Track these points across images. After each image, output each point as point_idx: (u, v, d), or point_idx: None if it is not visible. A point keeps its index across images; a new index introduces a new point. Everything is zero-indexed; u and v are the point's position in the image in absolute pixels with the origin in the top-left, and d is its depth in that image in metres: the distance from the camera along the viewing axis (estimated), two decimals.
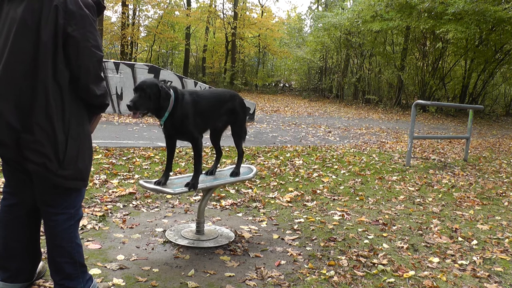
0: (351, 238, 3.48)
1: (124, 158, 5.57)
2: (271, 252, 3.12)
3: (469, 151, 8.33)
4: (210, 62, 29.38)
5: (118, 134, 7.62)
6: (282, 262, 2.95)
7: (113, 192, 4.13)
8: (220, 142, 3.49)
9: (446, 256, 3.27)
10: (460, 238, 3.69)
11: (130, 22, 26.00)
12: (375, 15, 19.30)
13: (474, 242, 3.61)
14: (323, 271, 2.83)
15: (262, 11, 31.70)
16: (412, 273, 2.90)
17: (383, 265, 3.00)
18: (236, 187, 4.73)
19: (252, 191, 4.64)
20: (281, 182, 5.15)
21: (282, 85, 33.42)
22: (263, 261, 2.95)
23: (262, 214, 3.97)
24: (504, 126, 18.24)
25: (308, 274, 2.78)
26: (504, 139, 12.74)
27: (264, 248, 3.18)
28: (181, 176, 3.34)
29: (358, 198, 4.74)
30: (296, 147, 7.83)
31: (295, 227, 3.65)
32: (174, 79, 10.81)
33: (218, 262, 2.89)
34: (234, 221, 3.75)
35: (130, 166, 5.18)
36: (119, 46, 26.01)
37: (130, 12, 26.30)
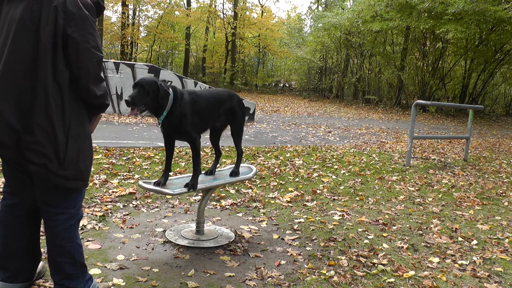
0: (351, 238, 3.48)
1: (124, 158, 5.57)
2: (271, 252, 3.12)
3: (469, 151, 8.33)
4: (210, 62, 29.39)
5: (118, 134, 7.62)
6: (282, 262, 2.95)
7: (113, 192, 4.14)
8: (219, 142, 3.49)
9: (446, 256, 3.27)
10: (460, 238, 3.69)
11: (130, 22, 26.01)
12: (375, 15, 19.30)
13: (474, 242, 3.61)
14: (323, 271, 2.83)
15: (262, 11, 31.72)
16: (412, 273, 2.90)
17: (383, 265, 3.00)
18: (236, 187, 4.73)
19: (252, 191, 4.64)
20: (281, 182, 5.15)
21: (282, 85, 33.42)
22: (263, 261, 2.95)
23: (262, 214, 3.97)
24: (504, 126, 18.25)
25: (308, 274, 2.78)
26: (504, 139, 12.74)
27: (264, 248, 3.18)
28: (180, 176, 3.34)
29: (358, 198, 4.74)
30: (296, 147, 7.83)
31: (295, 227, 3.65)
32: (174, 79, 10.81)
33: (218, 262, 2.89)
34: (234, 221, 3.75)
35: (130, 166, 5.18)
36: (119, 46, 26.03)
37: (130, 12, 26.32)
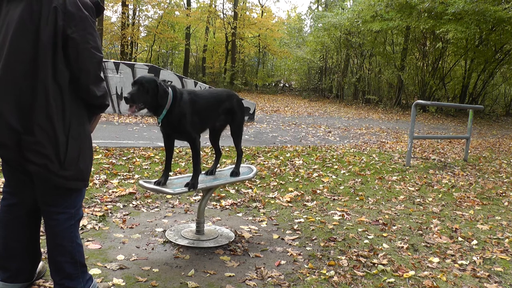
0: (351, 238, 3.48)
1: (124, 158, 5.57)
2: (271, 252, 3.12)
3: (469, 151, 8.33)
4: (210, 62, 29.39)
5: (118, 134, 7.62)
6: (282, 262, 2.95)
7: (113, 192, 4.14)
8: (219, 142, 3.49)
9: (446, 256, 3.27)
10: (460, 238, 3.69)
11: (130, 22, 26.02)
12: (375, 15, 19.30)
13: (474, 242, 3.61)
14: (323, 271, 2.83)
15: (262, 11, 31.72)
16: (412, 273, 2.90)
17: (383, 265, 3.00)
18: (236, 187, 4.73)
19: (252, 191, 4.64)
20: (281, 182, 5.15)
21: (282, 85, 33.42)
22: (263, 261, 2.95)
23: (262, 214, 3.97)
24: (504, 126, 18.25)
25: (308, 274, 2.78)
26: (504, 139, 12.74)
27: (264, 248, 3.18)
28: (181, 176, 3.34)
29: (358, 198, 4.74)
30: (296, 147, 7.83)
31: (295, 227, 3.65)
32: (174, 79, 10.81)
33: (218, 262, 2.89)
34: (234, 221, 3.75)
35: (130, 166, 5.18)
36: (119, 46, 26.03)
37: (130, 12, 26.32)
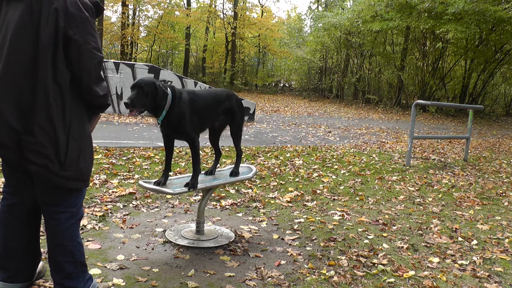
0: (351, 238, 3.48)
1: (124, 158, 5.57)
2: (271, 252, 3.12)
3: (469, 151, 8.33)
4: (210, 62, 29.39)
5: (118, 134, 7.62)
6: (282, 262, 2.95)
7: (113, 192, 4.14)
8: (219, 142, 3.49)
9: (446, 256, 3.27)
10: (460, 238, 3.69)
11: (130, 22, 26.02)
12: (375, 15, 19.30)
13: (474, 242, 3.61)
14: (323, 271, 2.83)
15: (262, 11, 31.73)
16: (412, 273, 2.90)
17: (383, 265, 3.00)
18: (236, 187, 4.73)
19: (252, 191, 4.64)
20: (281, 182, 5.15)
21: (282, 85, 33.42)
22: (263, 261, 2.95)
23: (262, 214, 3.97)
24: (504, 126, 18.25)
25: (308, 274, 2.78)
26: (504, 139, 12.74)
27: (264, 248, 3.18)
28: (180, 176, 3.34)
29: (358, 198, 4.74)
30: (296, 147, 7.83)
31: (295, 227, 3.65)
32: (174, 79, 10.81)
33: (218, 262, 2.89)
34: (234, 221, 3.75)
35: (130, 166, 5.18)
36: (119, 46, 26.03)
37: (130, 12, 26.32)
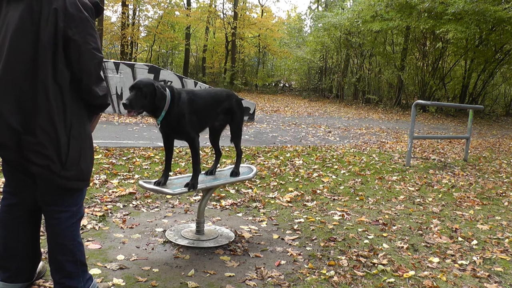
0: (351, 238, 3.48)
1: (124, 158, 5.57)
2: (271, 252, 3.12)
3: (469, 151, 8.33)
4: (210, 62, 29.39)
5: (118, 134, 7.62)
6: (282, 262, 2.95)
7: (113, 192, 4.14)
8: (219, 142, 3.49)
9: (446, 256, 3.27)
10: (460, 238, 3.69)
11: (130, 22, 26.02)
12: (375, 15, 19.30)
13: (474, 242, 3.61)
14: (323, 271, 2.83)
15: (262, 11, 31.73)
16: (412, 273, 2.90)
17: (383, 265, 3.00)
18: (236, 187, 4.73)
19: (252, 191, 4.64)
20: (281, 182, 5.15)
21: (282, 85, 33.42)
22: (263, 261, 2.95)
23: (262, 214, 3.97)
24: (504, 126, 18.24)
25: (308, 274, 2.78)
26: (504, 139, 12.74)
27: (264, 248, 3.18)
28: (180, 176, 3.34)
29: (358, 198, 4.74)
30: (296, 147, 7.83)
31: (295, 227, 3.65)
32: (174, 79, 10.81)
33: (218, 262, 2.89)
34: (234, 221, 3.75)
35: (130, 166, 5.18)
36: (119, 46, 26.03)
37: (130, 12, 26.32)
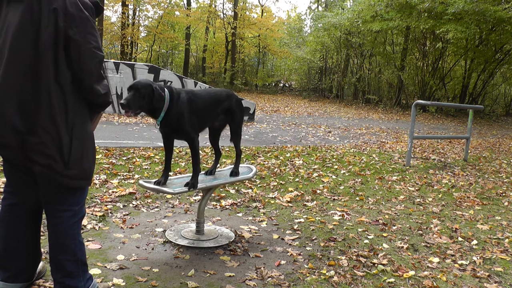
0: (351, 238, 3.48)
1: (124, 158, 5.57)
2: (271, 252, 3.12)
3: (469, 151, 8.33)
4: (210, 62, 29.39)
5: (118, 134, 7.62)
6: (282, 262, 2.95)
7: (113, 192, 4.14)
8: (219, 142, 3.49)
9: (446, 256, 3.28)
10: (460, 238, 3.69)
11: (130, 22, 26.01)
12: (375, 15, 19.30)
13: (474, 242, 3.61)
14: (323, 271, 2.83)
15: (262, 11, 31.74)
16: (412, 273, 2.90)
17: (383, 265, 3.00)
18: (236, 187, 4.73)
19: (252, 191, 4.64)
20: (281, 182, 5.15)
21: (282, 85, 33.42)
22: (263, 261, 2.95)
23: (262, 214, 3.97)
24: (504, 126, 18.25)
25: (308, 274, 2.78)
26: (504, 139, 12.74)
27: (264, 248, 3.18)
28: (180, 176, 3.34)
29: (358, 198, 4.74)
30: (296, 147, 7.83)
31: (295, 227, 3.65)
32: (174, 79, 10.81)
33: (218, 262, 2.89)
34: (234, 221, 3.75)
35: (130, 166, 5.18)
36: (119, 46, 26.03)
37: (130, 12, 26.32)
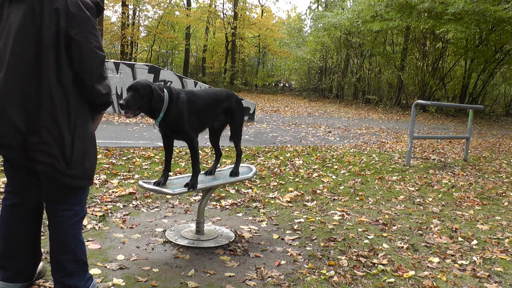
0: (351, 238, 3.48)
1: (124, 158, 5.57)
2: (271, 252, 3.12)
3: (469, 151, 8.33)
4: (210, 62, 29.39)
5: (118, 134, 7.62)
6: (282, 262, 2.95)
7: (113, 192, 4.14)
8: (219, 142, 3.49)
9: (446, 256, 3.28)
10: (460, 238, 3.69)
11: (130, 22, 26.01)
12: (375, 15, 19.30)
13: (474, 242, 3.61)
14: (323, 271, 2.83)
15: (262, 11, 31.74)
16: (412, 273, 2.90)
17: (383, 265, 3.00)
18: (236, 187, 4.73)
19: (252, 191, 4.64)
20: (281, 182, 5.15)
21: (282, 85, 33.42)
22: (263, 261, 2.95)
23: (262, 214, 3.97)
24: (504, 126, 18.25)
25: (308, 274, 2.78)
26: (504, 139, 12.74)
27: (264, 248, 3.18)
28: (180, 176, 3.34)
29: (358, 198, 4.74)
30: (296, 147, 7.83)
31: (295, 227, 3.65)
32: (174, 79, 10.81)
33: (218, 262, 2.89)
34: (234, 221, 3.75)
35: (130, 166, 5.18)
36: (119, 46, 26.03)
37: (130, 12, 26.31)
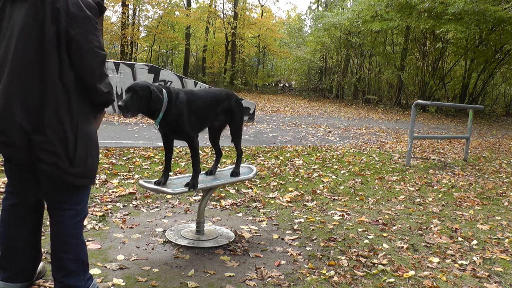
0: (351, 238, 3.48)
1: (124, 158, 5.57)
2: (271, 252, 3.12)
3: (469, 151, 8.33)
4: (210, 62, 29.40)
5: (118, 134, 7.62)
6: (282, 262, 2.95)
7: (113, 192, 4.14)
8: (219, 142, 3.49)
9: (446, 256, 3.28)
10: (460, 238, 3.69)
11: (130, 22, 26.00)
12: (375, 15, 19.31)
13: (474, 242, 3.62)
14: (323, 271, 2.83)
15: (262, 11, 31.74)
16: (412, 273, 2.90)
17: (383, 265, 3.00)
18: (236, 187, 4.73)
19: (252, 191, 4.64)
20: (281, 182, 5.15)
21: (282, 85, 33.43)
22: (263, 261, 2.95)
23: (262, 214, 3.97)
24: (504, 126, 18.25)
25: (308, 274, 2.78)
26: (504, 139, 12.74)
27: (264, 248, 3.18)
28: (181, 176, 3.34)
29: (358, 198, 4.74)
30: (296, 147, 7.83)
31: (295, 227, 3.65)
32: (174, 79, 10.81)
33: (218, 262, 2.89)
34: (234, 221, 3.75)
35: (130, 166, 5.18)
36: (119, 46, 26.02)
37: (130, 12, 26.31)
